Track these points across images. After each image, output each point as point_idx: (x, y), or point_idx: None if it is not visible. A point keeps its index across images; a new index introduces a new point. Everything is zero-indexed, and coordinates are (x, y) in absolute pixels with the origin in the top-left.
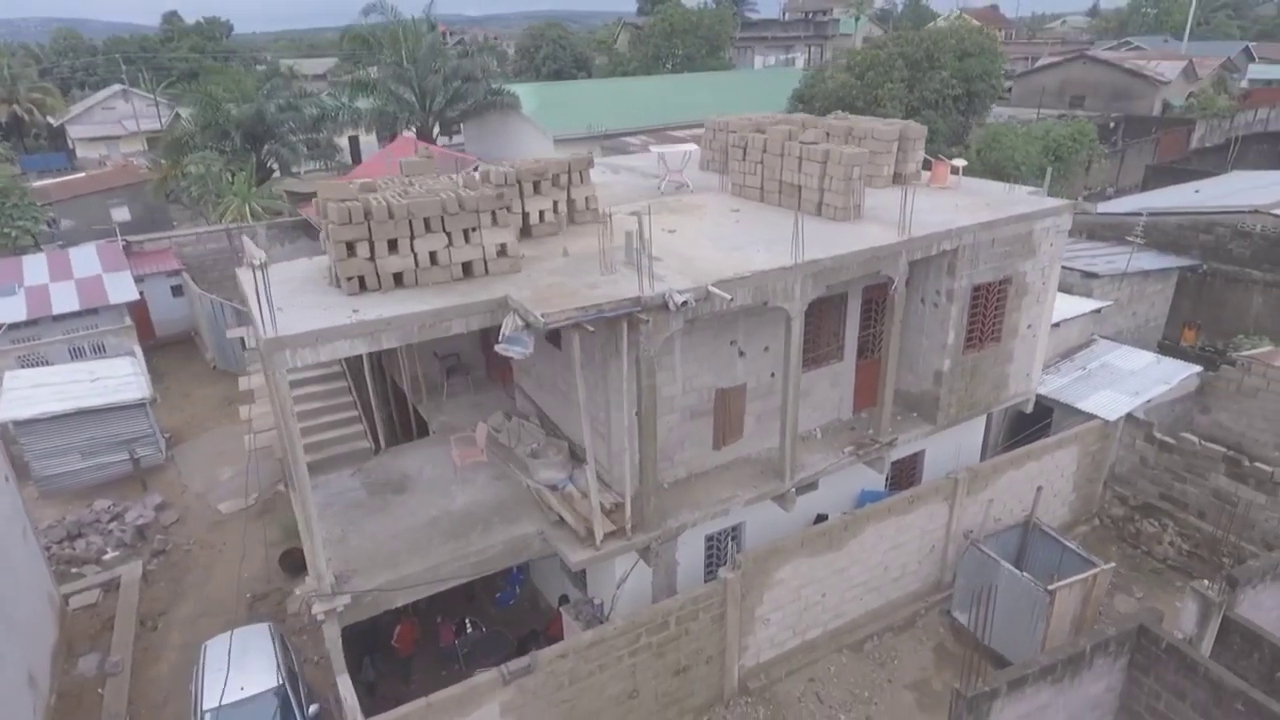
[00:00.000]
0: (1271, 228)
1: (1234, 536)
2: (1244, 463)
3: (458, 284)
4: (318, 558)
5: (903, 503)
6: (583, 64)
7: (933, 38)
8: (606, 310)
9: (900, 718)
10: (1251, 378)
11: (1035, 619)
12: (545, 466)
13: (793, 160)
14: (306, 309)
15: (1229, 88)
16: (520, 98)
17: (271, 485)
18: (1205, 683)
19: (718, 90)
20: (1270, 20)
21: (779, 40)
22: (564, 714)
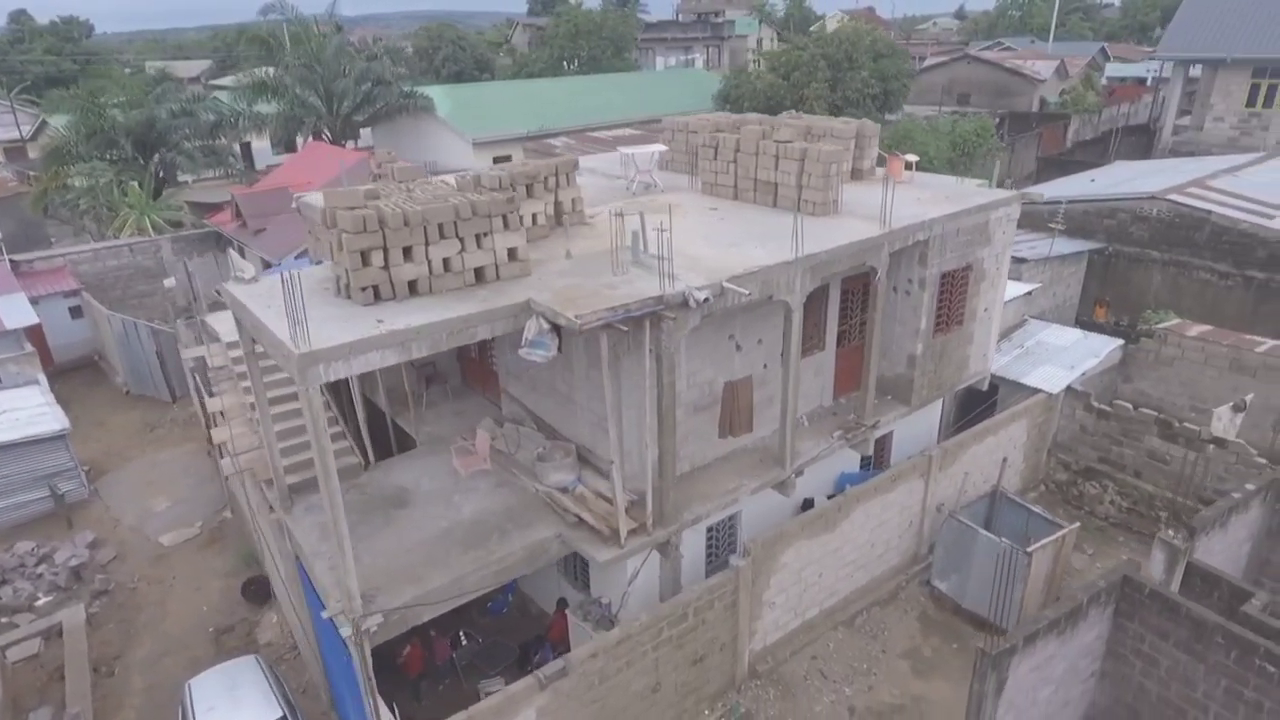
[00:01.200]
0: (1166, 212)
1: (1169, 492)
2: (1174, 424)
3: (471, 290)
4: (348, 577)
5: (886, 482)
6: (484, 65)
7: (851, 40)
8: (634, 310)
9: (899, 685)
10: (1168, 348)
11: (1014, 581)
12: (554, 470)
13: (768, 159)
14: (327, 321)
15: (1095, 85)
16: (434, 100)
17: (216, 513)
18: (1187, 621)
19: (630, 91)
20: (1116, 22)
21: (678, 41)
22: (594, 714)
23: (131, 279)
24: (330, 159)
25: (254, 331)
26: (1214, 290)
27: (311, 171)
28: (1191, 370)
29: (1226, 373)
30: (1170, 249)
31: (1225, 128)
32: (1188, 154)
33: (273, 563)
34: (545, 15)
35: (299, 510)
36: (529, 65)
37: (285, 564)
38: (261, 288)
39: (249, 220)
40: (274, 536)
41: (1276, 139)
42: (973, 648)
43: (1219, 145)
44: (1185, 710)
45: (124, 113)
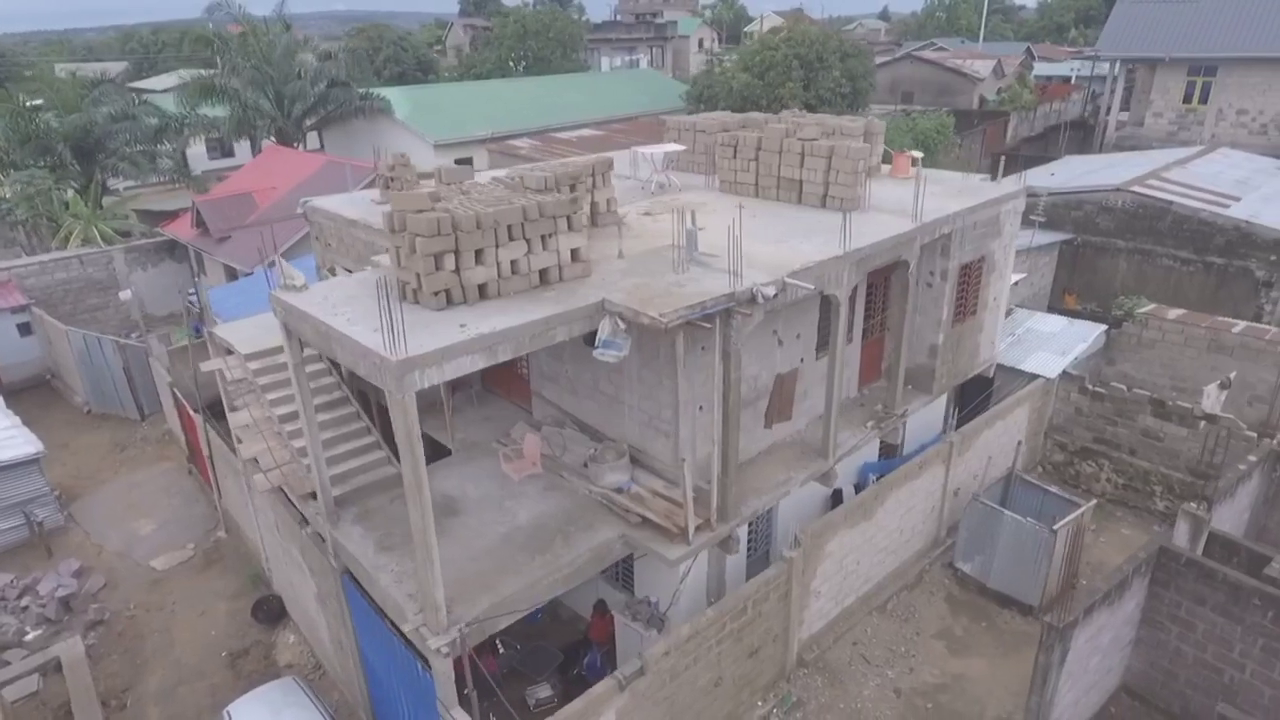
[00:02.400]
0: (1130, 203)
1: (1163, 467)
2: (1167, 403)
3: (537, 292)
4: (435, 589)
5: (915, 469)
6: (427, 67)
7: (820, 40)
8: (710, 307)
9: (938, 665)
10: (1149, 331)
11: (1040, 558)
12: (609, 471)
13: (793, 156)
14: (409, 328)
15: (1028, 83)
16: (391, 102)
17: (208, 533)
18: (1224, 586)
19: (586, 92)
20: (1033, 24)
21: (623, 42)
22: (665, 711)
23: (82, 292)
24: (295, 163)
25: (319, 340)
26: (1177, 276)
27: (274, 176)
28: (1172, 352)
29: (1205, 353)
30: (1135, 238)
31: (1164, 123)
32: (1130, 148)
33: (289, 581)
34: (479, 15)
35: (346, 523)
36: (476, 66)
37: (324, 580)
38: (316, 295)
39: (212, 228)
40: (307, 552)
41: (1210, 133)
42: (1001, 625)
43: (1159, 140)
44: (1222, 669)
45: (59, 117)
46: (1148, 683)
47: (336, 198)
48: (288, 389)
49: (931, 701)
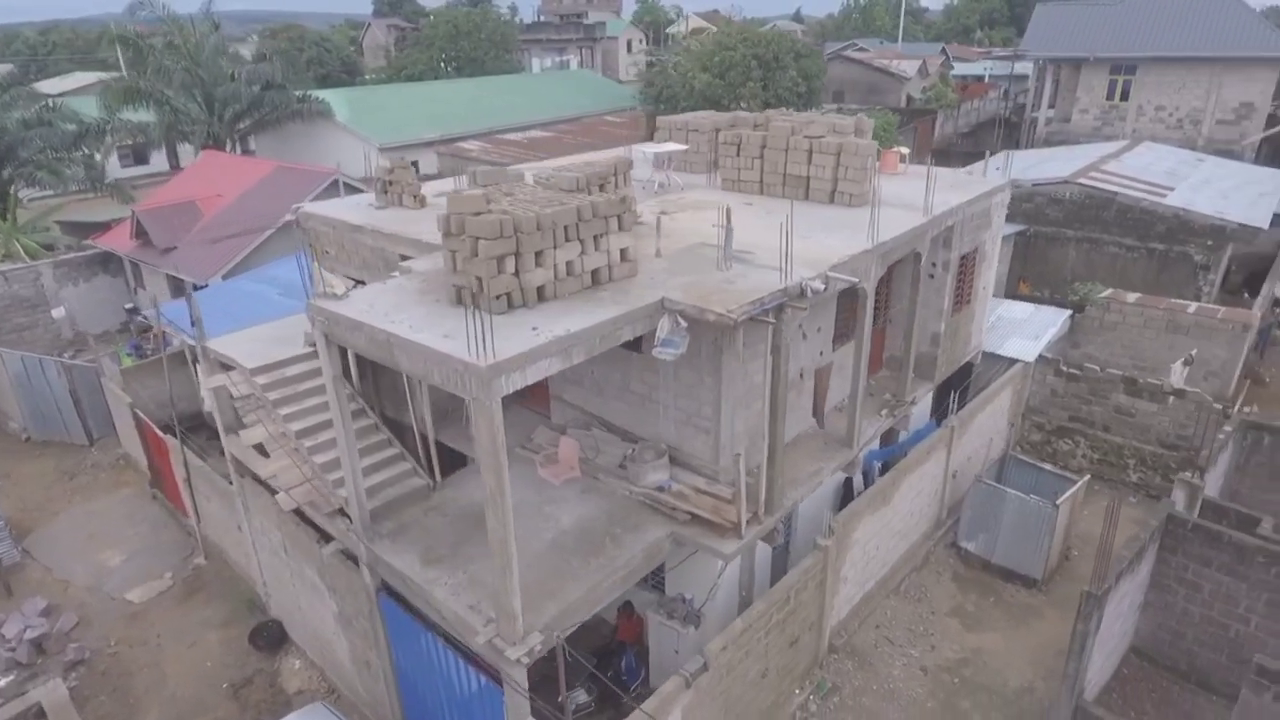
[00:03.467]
0: (1078, 194)
1: (1135, 441)
2: (1138, 381)
3: (590, 292)
4: (513, 598)
5: (923, 453)
6: (351, 68)
7: (776, 40)
8: (767, 302)
9: (956, 641)
10: (1111, 315)
11: (1043, 533)
12: (651, 471)
13: (800, 154)
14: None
15: (949, 82)
16: (331, 105)
17: (185, 560)
18: (1229, 547)
19: (527, 93)
20: (941, 25)
21: (553, 43)
22: (722, 706)
23: (7, 311)
24: (240, 170)
25: (375, 350)
26: (1122, 262)
27: (217, 183)
28: (1132, 333)
29: (1163, 333)
30: (1083, 227)
31: (1090, 119)
32: (1059, 143)
33: (295, 604)
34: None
35: (383, 538)
36: (407, 67)
37: (350, 600)
38: (360, 303)
39: (156, 239)
40: (328, 572)
41: (1132, 128)
42: (1008, 599)
43: (1085, 135)
44: (1228, 625)
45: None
46: (1155, 643)
47: (331, 203)
48: (301, 403)
49: (957, 676)
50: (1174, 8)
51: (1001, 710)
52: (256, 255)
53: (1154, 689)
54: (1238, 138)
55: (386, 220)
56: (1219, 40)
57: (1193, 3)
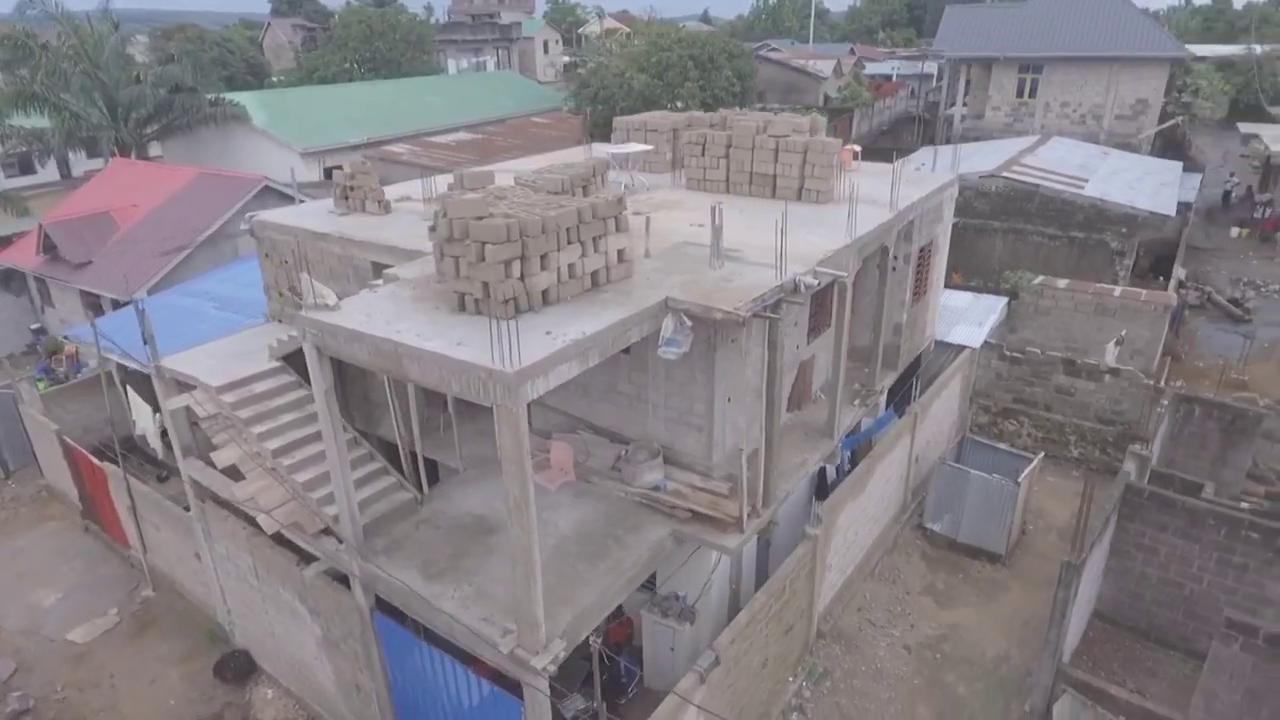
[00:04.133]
0: (1003, 187)
1: (1075, 419)
2: (1076, 362)
3: (592, 294)
4: (536, 607)
5: (893, 440)
6: (257, 70)
7: (710, 41)
8: (768, 298)
9: (933, 619)
10: (1044, 300)
11: (1005, 510)
12: (647, 471)
13: (766, 153)
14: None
15: (862, 81)
16: (247, 108)
17: (131, 594)
18: (1183, 512)
19: (449, 95)
20: (844, 27)
21: (468, 43)
22: (730, 698)
23: None
24: (157, 178)
25: (381, 361)
26: (1045, 250)
27: (132, 193)
28: (1064, 317)
29: (1093, 316)
30: (1008, 218)
31: (1002, 116)
32: (975, 139)
33: (267, 631)
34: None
35: (378, 555)
36: (320, 69)
37: (337, 622)
38: (356, 313)
39: (67, 254)
40: (310, 594)
41: (1040, 124)
42: (975, 575)
43: (998, 131)
44: (1183, 584)
45: None
46: (1117, 606)
47: (287, 211)
48: (275, 420)
49: (938, 652)
50: (1074, 11)
51: (983, 680)
52: (183, 268)
53: (1119, 649)
54: (1135, 131)
55: (353, 227)
56: (1115, 41)
57: (1091, 6)
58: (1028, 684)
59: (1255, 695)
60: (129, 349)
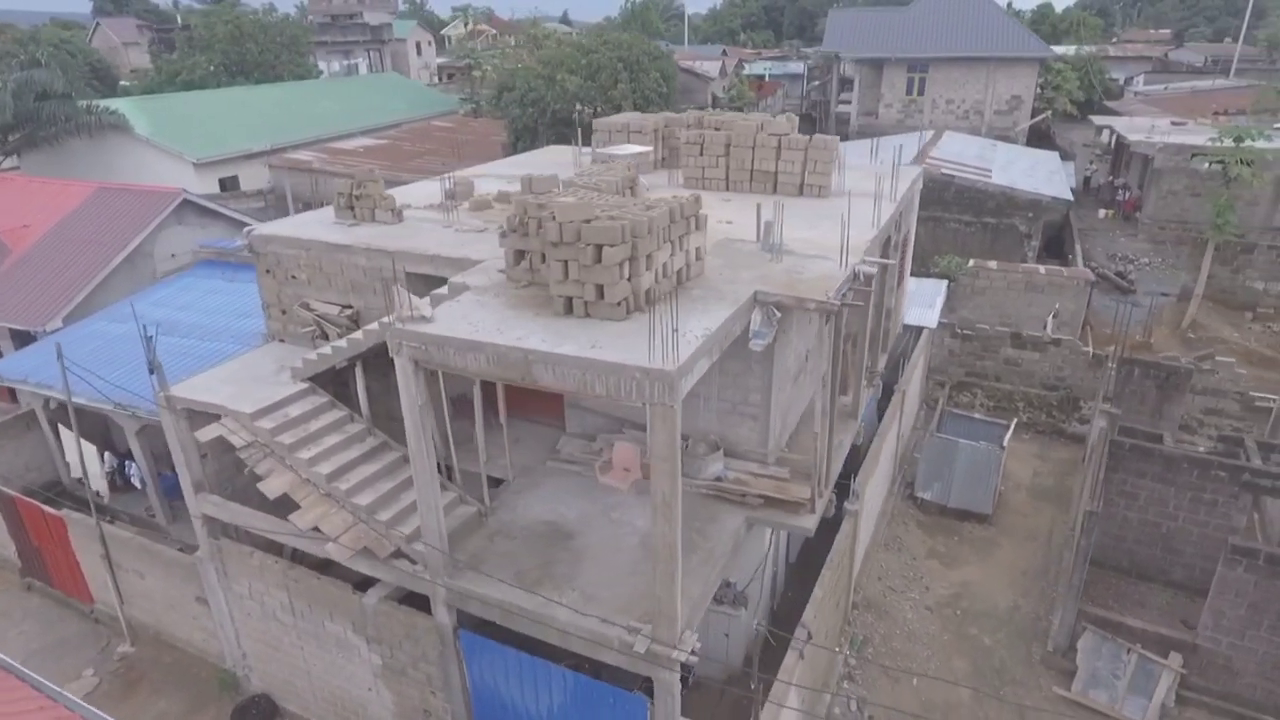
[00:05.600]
0: (923, 178)
1: (1023, 387)
2: (1022, 334)
3: (683, 291)
4: (675, 602)
5: (891, 416)
6: (103, 75)
7: (636, 43)
8: (844, 288)
9: (944, 579)
10: (980, 281)
11: (991, 473)
12: (710, 463)
13: (767, 150)
14: (620, 338)
15: (745, 81)
16: (126, 116)
17: (104, 652)
18: (1159, 459)
19: (340, 99)
20: (707, 29)
21: (338, 45)
22: (808, 668)
23: None
24: (47, 195)
25: (504, 370)
26: (962, 235)
27: (20, 213)
28: (999, 295)
29: (1024, 293)
30: (927, 207)
31: (894, 112)
32: (871, 135)
33: (301, 670)
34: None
35: (463, 573)
36: (184, 72)
37: (406, 647)
38: (456, 322)
39: None
40: (369, 623)
41: (929, 119)
42: (968, 536)
43: (891, 127)
44: (1160, 524)
45: None
46: (1102, 549)
47: (284, 224)
48: (319, 443)
49: (957, 609)
50: (954, 14)
51: (1004, 629)
52: (100, 293)
53: (1109, 588)
54: (1011, 125)
55: (374, 237)
56: (991, 43)
57: (968, 10)
58: (1039, 627)
59: (1256, 608)
60: (53, 382)
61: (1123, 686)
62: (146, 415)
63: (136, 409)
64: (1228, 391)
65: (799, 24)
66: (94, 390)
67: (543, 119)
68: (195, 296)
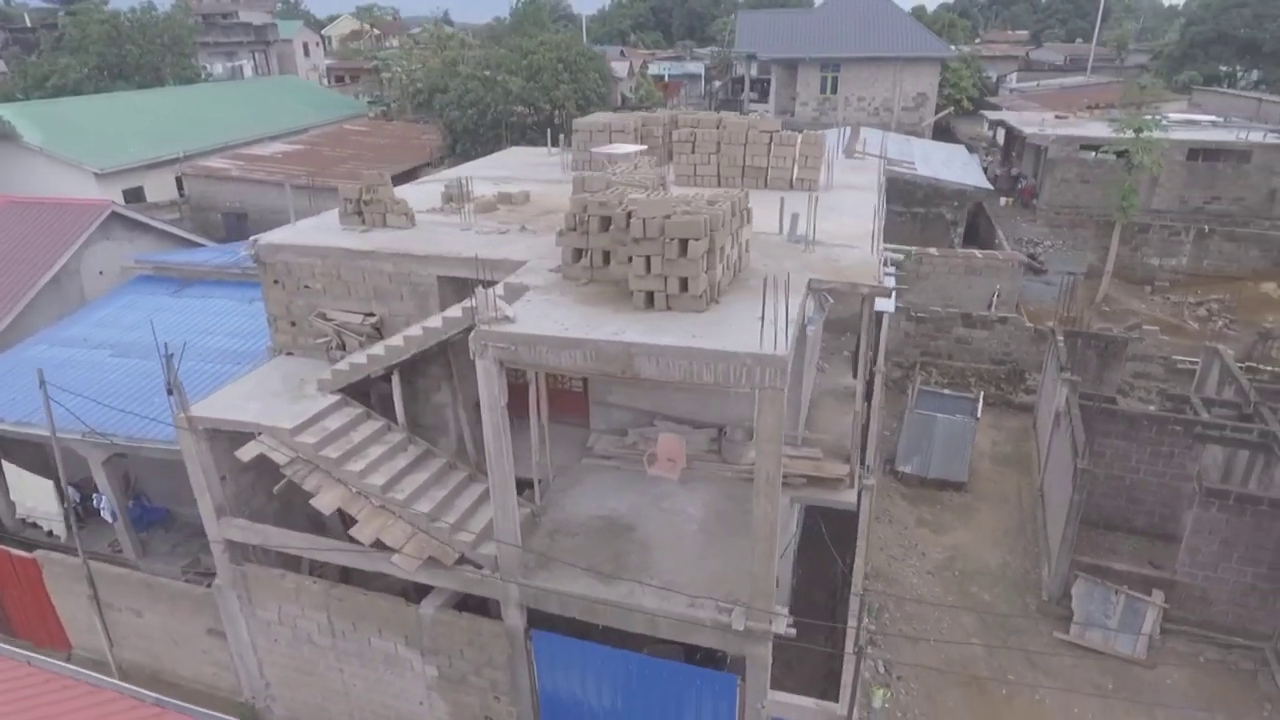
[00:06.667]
0: None
1: (973, 363)
2: (972, 314)
3: (741, 282)
4: (773, 580)
5: (876, 398)
6: None
7: (570, 45)
8: (889, 273)
9: (937, 544)
10: (924, 266)
11: (966, 444)
12: (749, 449)
13: (759, 147)
14: (714, 327)
15: (650, 81)
16: (13, 124)
17: None
18: (1123, 419)
19: (242, 103)
20: (597, 30)
21: (220, 46)
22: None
23: None
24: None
25: (603, 364)
26: (895, 224)
27: None
28: (940, 279)
29: (963, 276)
30: None
31: (810, 110)
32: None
33: (339, 690)
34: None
35: (536, 573)
36: (53, 76)
37: (469, 655)
38: (539, 320)
39: None
40: (424, 634)
41: (842, 116)
42: (948, 503)
43: (806, 124)
44: (1123, 477)
45: None
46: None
47: (286, 232)
48: (365, 455)
49: (954, 571)
50: (861, 17)
51: (1000, 584)
52: (26, 316)
53: (1081, 539)
54: (918, 121)
55: (397, 242)
56: (896, 44)
57: (875, 12)
58: (1030, 580)
59: (1228, 543)
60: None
61: (1114, 625)
62: (127, 441)
63: (115, 436)
64: (1153, 357)
65: (689, 25)
66: (63, 419)
67: (483, 121)
68: (142, 315)
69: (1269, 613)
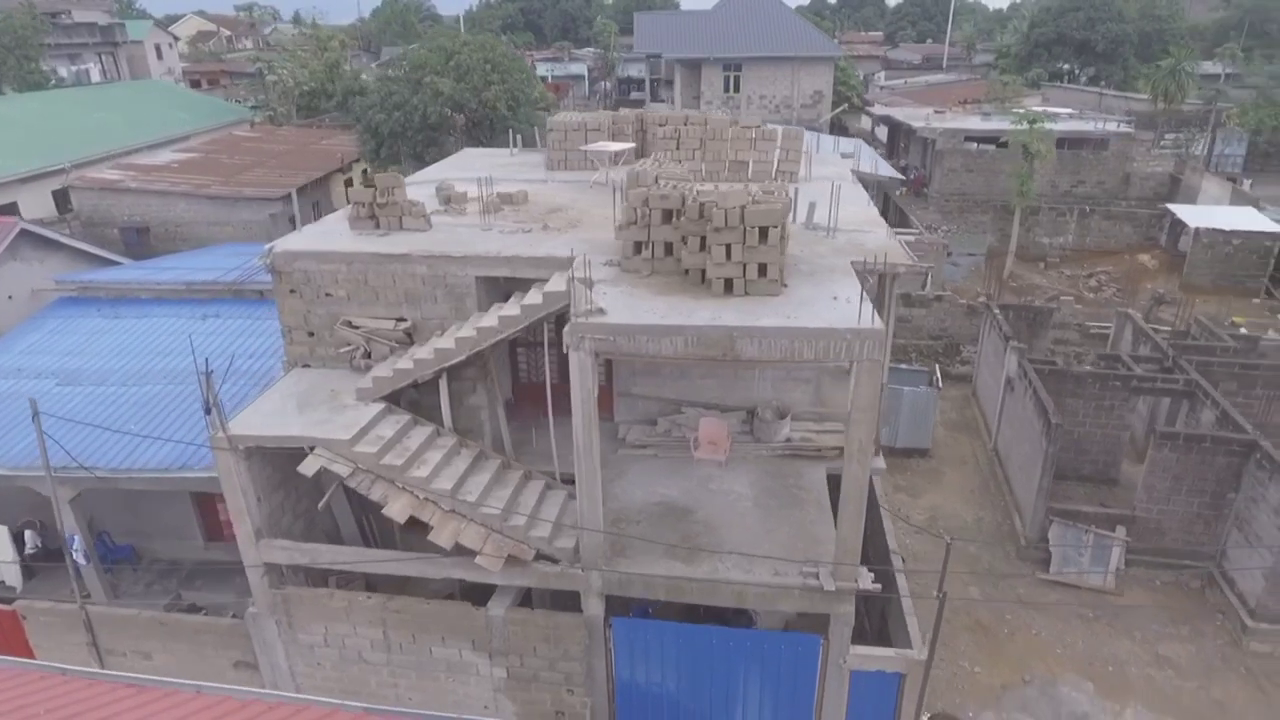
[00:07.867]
0: None
1: (913, 340)
2: (911, 294)
3: (791, 267)
4: (858, 540)
5: None
6: None
7: (494, 45)
8: (915, 256)
9: (917, 508)
10: None
11: (929, 414)
12: (780, 428)
13: (743, 142)
14: (801, 307)
15: (539, 81)
16: None
17: None
18: (1070, 378)
19: (115, 109)
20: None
21: (64, 48)
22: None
23: None
24: None
25: (704, 348)
26: None
27: None
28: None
29: None
30: None
31: (715, 108)
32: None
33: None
34: None
35: (614, 561)
36: None
37: (549, 648)
38: (631, 310)
39: None
40: (491, 637)
41: (745, 113)
42: (917, 469)
43: None
44: (1072, 430)
45: None
46: (1026, 457)
47: (298, 238)
48: (424, 460)
49: (940, 528)
50: (759, 19)
51: (981, 536)
52: None
53: None
54: (816, 117)
55: (425, 244)
56: (792, 44)
57: (770, 14)
58: (1004, 530)
59: (1178, 479)
60: None
61: (1086, 561)
62: (110, 473)
63: (98, 468)
64: (1070, 324)
65: (562, 26)
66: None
67: (410, 124)
68: (79, 340)
69: (1211, 536)
